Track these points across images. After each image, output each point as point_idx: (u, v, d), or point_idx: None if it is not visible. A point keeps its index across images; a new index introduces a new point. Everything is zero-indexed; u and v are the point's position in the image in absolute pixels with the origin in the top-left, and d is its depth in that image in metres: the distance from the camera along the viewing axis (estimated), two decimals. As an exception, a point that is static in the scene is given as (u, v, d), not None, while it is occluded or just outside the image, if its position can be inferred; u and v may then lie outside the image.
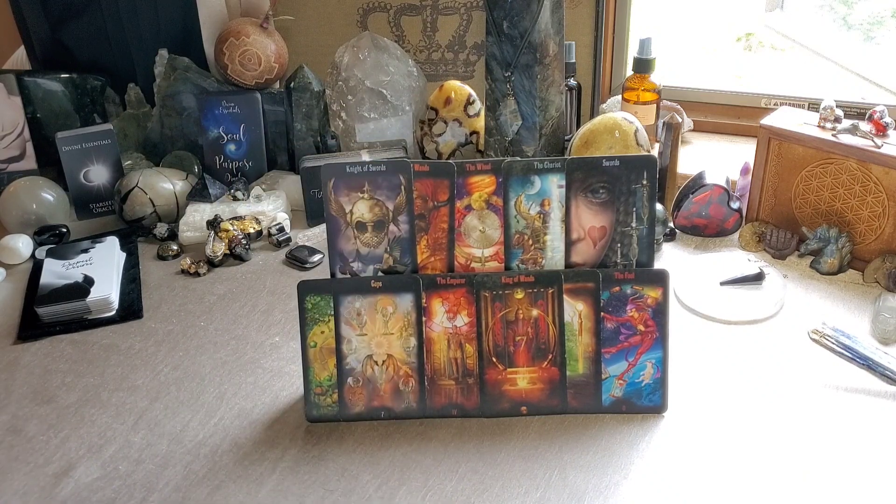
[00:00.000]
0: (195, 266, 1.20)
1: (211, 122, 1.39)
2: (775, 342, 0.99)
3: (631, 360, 0.86)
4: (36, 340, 1.06)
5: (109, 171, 1.37)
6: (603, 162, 0.84)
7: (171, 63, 1.43)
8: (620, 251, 0.86)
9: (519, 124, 1.17)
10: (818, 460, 0.81)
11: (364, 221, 0.87)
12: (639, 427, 0.86)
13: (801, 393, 0.90)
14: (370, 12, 1.52)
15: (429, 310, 0.86)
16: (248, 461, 0.84)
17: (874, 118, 1.08)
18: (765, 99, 1.46)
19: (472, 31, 1.49)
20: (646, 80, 1.22)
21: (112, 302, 1.10)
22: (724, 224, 1.21)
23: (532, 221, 0.86)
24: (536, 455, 0.83)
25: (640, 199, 0.85)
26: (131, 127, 1.48)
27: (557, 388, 0.87)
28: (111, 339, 1.06)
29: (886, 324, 0.98)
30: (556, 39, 1.17)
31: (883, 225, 1.09)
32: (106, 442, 0.88)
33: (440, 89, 1.36)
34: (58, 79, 1.43)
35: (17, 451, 0.87)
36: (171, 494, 0.80)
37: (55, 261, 1.18)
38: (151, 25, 1.47)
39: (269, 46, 1.38)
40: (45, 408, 0.94)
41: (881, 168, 1.06)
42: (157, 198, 1.29)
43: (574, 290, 0.85)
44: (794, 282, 1.11)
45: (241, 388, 0.95)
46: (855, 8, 2.08)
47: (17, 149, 1.42)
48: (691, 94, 1.51)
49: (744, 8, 2.48)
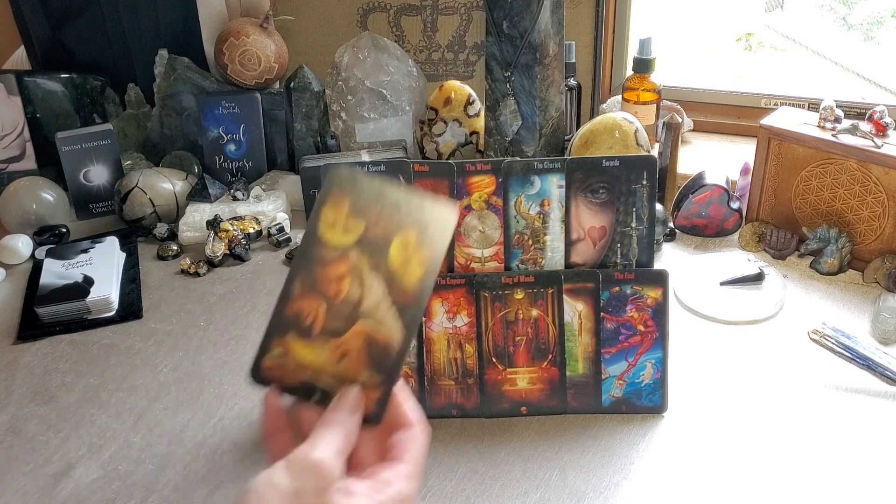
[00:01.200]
0: (195, 266, 1.20)
1: (211, 122, 1.39)
2: (775, 342, 0.99)
3: (631, 360, 0.86)
4: (36, 340, 1.06)
5: (109, 171, 1.37)
6: (603, 162, 0.84)
7: (171, 63, 1.43)
8: (620, 251, 0.86)
9: (519, 124, 1.17)
10: (818, 460, 0.81)
11: (364, 221, 0.87)
12: (639, 427, 0.86)
13: (801, 393, 0.90)
14: (370, 12, 1.52)
15: (428, 310, 0.86)
16: (248, 461, 0.84)
17: (874, 118, 1.08)
18: (765, 99, 1.46)
19: (472, 31, 1.49)
20: (646, 80, 1.22)
21: (112, 302, 1.10)
22: (724, 224, 1.21)
23: (532, 222, 0.86)
24: (536, 455, 0.83)
25: (640, 199, 0.85)
26: (131, 127, 1.48)
27: (557, 389, 0.87)
28: (111, 339, 1.06)
29: (886, 324, 0.98)
30: (556, 39, 1.17)
31: (883, 225, 1.09)
32: (106, 442, 0.88)
33: (440, 89, 1.36)
34: (58, 79, 1.43)
35: (16, 451, 0.87)
36: (171, 494, 0.80)
37: (55, 261, 1.18)
38: (151, 25, 1.47)
39: (269, 46, 1.38)
40: (45, 408, 0.94)
41: (881, 168, 1.06)
42: (157, 198, 1.29)
43: (574, 291, 0.85)
44: (794, 282, 1.11)
45: (241, 388, 0.95)
46: (855, 8, 2.08)
47: (17, 149, 1.42)
48: (691, 94, 1.51)
49: (744, 8, 2.49)
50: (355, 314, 0.46)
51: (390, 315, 0.46)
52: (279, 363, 0.47)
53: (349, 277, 0.46)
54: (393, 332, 0.46)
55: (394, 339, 0.46)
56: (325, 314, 0.46)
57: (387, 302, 0.46)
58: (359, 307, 0.46)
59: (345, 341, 0.46)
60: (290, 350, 0.46)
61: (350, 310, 0.46)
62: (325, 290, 0.46)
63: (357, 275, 0.46)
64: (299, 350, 0.46)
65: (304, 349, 0.46)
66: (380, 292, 0.46)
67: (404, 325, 0.46)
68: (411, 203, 0.47)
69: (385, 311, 0.46)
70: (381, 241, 0.46)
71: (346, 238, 0.47)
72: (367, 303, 0.46)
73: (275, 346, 0.47)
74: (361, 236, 0.46)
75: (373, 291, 0.46)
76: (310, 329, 0.46)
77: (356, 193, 0.47)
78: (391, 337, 0.46)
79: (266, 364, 0.47)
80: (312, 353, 0.46)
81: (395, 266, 0.46)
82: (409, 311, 0.46)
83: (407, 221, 0.46)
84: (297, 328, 0.46)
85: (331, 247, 0.46)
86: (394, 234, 0.46)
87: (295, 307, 0.46)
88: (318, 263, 0.46)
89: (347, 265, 0.46)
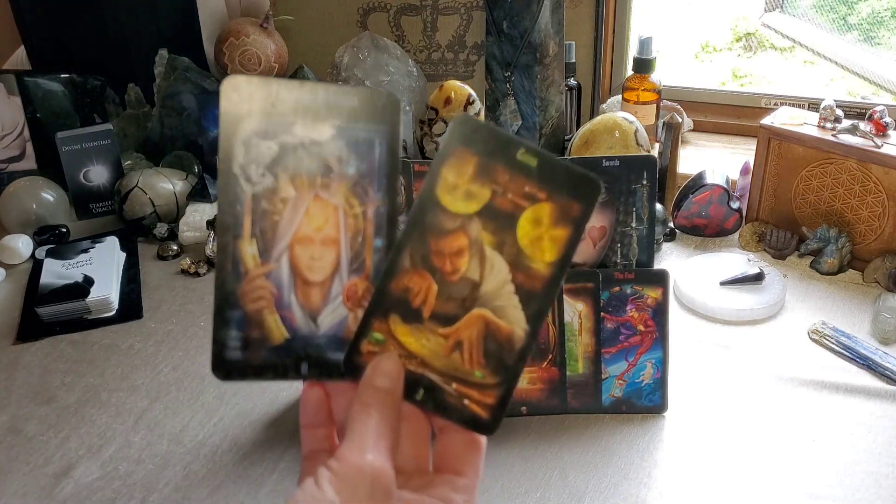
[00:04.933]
0: (195, 266, 1.20)
1: (211, 122, 1.39)
2: (775, 342, 0.99)
3: (631, 360, 0.86)
4: (36, 340, 1.06)
5: (109, 171, 1.37)
6: (603, 162, 0.84)
7: (171, 63, 1.42)
8: (620, 251, 0.86)
9: (519, 124, 1.17)
10: (818, 460, 0.81)
11: (364, 221, 0.87)
12: (639, 427, 0.86)
13: (801, 393, 0.90)
14: (370, 12, 1.52)
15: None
16: (248, 461, 0.84)
17: (874, 118, 1.08)
18: (765, 99, 1.46)
19: (472, 31, 1.49)
20: (646, 80, 1.22)
21: (112, 302, 1.10)
22: (724, 224, 1.21)
23: (532, 221, 0.86)
24: (536, 455, 0.83)
25: (640, 199, 0.85)
26: (131, 127, 1.48)
27: (557, 388, 0.87)
28: (111, 339, 1.06)
29: (886, 324, 0.98)
30: (556, 39, 1.17)
31: (883, 225, 1.09)
32: (106, 442, 0.88)
33: (440, 89, 1.36)
34: (58, 79, 1.43)
35: (16, 451, 0.87)
36: (171, 494, 0.80)
37: (55, 261, 1.18)
38: (151, 25, 1.47)
39: (269, 46, 1.38)
40: (45, 408, 0.94)
41: (881, 168, 1.06)
42: (157, 198, 1.29)
43: (574, 291, 0.85)
44: (794, 282, 1.11)
45: (241, 388, 0.95)
46: (855, 8, 2.08)
47: (17, 149, 1.42)
48: (691, 94, 1.51)
49: (744, 8, 2.49)
50: (473, 298, 0.39)
51: (514, 303, 0.39)
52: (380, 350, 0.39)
53: (468, 253, 0.39)
54: (516, 324, 0.39)
55: (516, 332, 0.39)
56: (438, 295, 0.39)
57: (511, 287, 0.39)
58: (477, 290, 0.39)
59: (458, 330, 0.39)
60: (393, 335, 0.39)
61: (467, 292, 0.39)
62: (439, 266, 0.39)
63: (478, 251, 0.39)
64: (404, 336, 0.39)
65: (410, 336, 0.39)
66: (503, 274, 0.39)
67: (528, 318, 0.39)
68: (549, 169, 0.38)
69: (508, 298, 0.39)
70: (509, 212, 0.39)
71: (468, 206, 0.39)
72: (487, 286, 0.39)
73: (375, 329, 0.39)
74: (486, 205, 0.39)
75: (495, 272, 0.39)
76: (419, 312, 0.39)
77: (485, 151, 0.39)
78: (513, 330, 0.39)
79: (364, 349, 0.39)
80: (419, 342, 0.39)
81: (523, 244, 0.39)
82: (536, 300, 0.38)
83: (542, 192, 0.38)
84: (403, 310, 0.39)
85: (450, 213, 0.39)
86: (525, 205, 0.39)
87: (402, 284, 0.39)
88: (434, 233, 0.39)
89: (467, 238, 0.39)
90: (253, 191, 0.39)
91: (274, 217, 0.39)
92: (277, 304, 0.40)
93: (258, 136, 0.39)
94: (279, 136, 0.39)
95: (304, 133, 0.39)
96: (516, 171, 0.39)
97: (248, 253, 0.40)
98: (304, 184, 0.39)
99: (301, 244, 0.40)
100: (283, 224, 0.39)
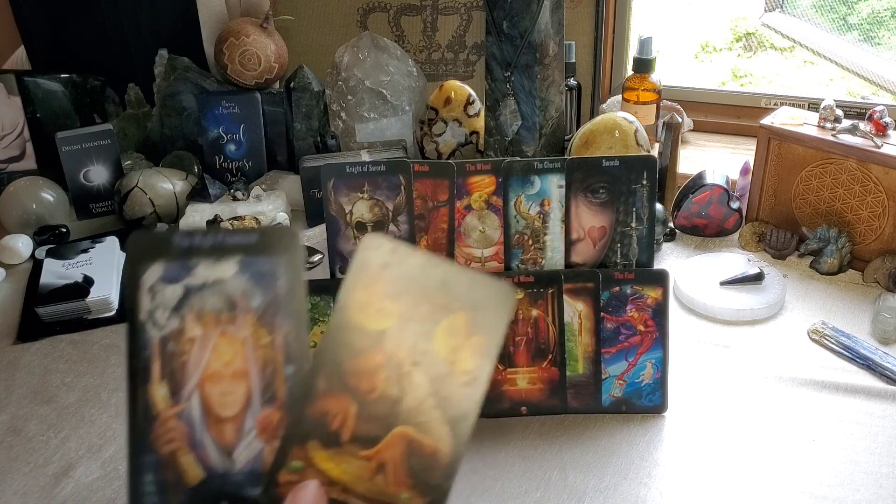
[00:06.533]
0: (195, 266, 1.20)
1: (211, 122, 1.39)
2: (775, 342, 0.99)
3: (631, 360, 0.86)
4: (36, 340, 1.06)
5: (109, 171, 1.37)
6: (603, 162, 0.84)
7: (171, 63, 1.43)
8: (620, 251, 0.86)
9: (519, 124, 1.17)
10: (818, 460, 0.81)
11: (364, 221, 0.87)
12: (639, 427, 0.86)
13: (800, 393, 0.90)
14: (370, 12, 1.52)
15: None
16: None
17: (874, 118, 1.08)
18: (765, 99, 1.46)
19: (472, 31, 1.49)
20: (646, 80, 1.22)
21: (112, 302, 1.10)
22: (724, 224, 1.21)
23: (532, 221, 0.86)
24: (536, 455, 0.83)
25: (640, 199, 0.85)
26: (131, 127, 1.48)
27: (557, 389, 0.87)
28: (111, 339, 1.06)
29: (886, 324, 0.98)
30: (556, 39, 1.17)
31: (883, 225, 1.09)
32: (106, 442, 0.88)
33: (440, 89, 1.36)
34: (58, 79, 1.43)
35: (17, 451, 0.87)
36: (170, 494, 0.80)
37: (55, 261, 1.18)
38: (151, 25, 1.47)
39: (269, 46, 1.38)
40: (45, 408, 0.94)
41: (881, 168, 1.06)
42: (157, 198, 1.29)
43: (574, 291, 0.85)
44: (794, 282, 1.11)
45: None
46: (855, 8, 2.08)
47: (17, 149, 1.42)
48: (691, 94, 1.51)
49: (744, 8, 2.49)
50: (394, 416, 0.37)
51: (436, 417, 0.37)
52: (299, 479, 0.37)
53: (386, 370, 0.38)
54: (440, 439, 0.37)
55: (441, 448, 0.37)
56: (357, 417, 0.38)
57: (432, 401, 0.37)
58: (398, 407, 0.37)
59: (380, 451, 0.37)
60: (312, 462, 0.37)
61: (388, 410, 0.37)
62: (356, 387, 0.38)
63: (395, 367, 0.37)
64: (324, 462, 0.37)
65: (330, 461, 0.37)
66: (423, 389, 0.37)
67: (453, 431, 0.37)
68: (460, 281, 0.38)
69: (430, 413, 0.37)
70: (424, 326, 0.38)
71: (381, 322, 0.38)
72: (407, 402, 0.37)
73: (293, 457, 0.37)
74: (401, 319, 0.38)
75: (414, 388, 0.37)
76: (337, 435, 0.37)
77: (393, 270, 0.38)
78: (437, 446, 0.37)
79: (282, 480, 0.37)
80: (340, 467, 0.37)
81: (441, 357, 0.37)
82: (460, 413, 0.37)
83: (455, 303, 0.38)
84: (322, 434, 0.37)
85: (364, 331, 0.38)
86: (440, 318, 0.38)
87: (318, 408, 0.37)
88: (348, 352, 0.38)
89: (383, 355, 0.38)
90: (160, 334, 0.39)
91: (182, 357, 0.40)
92: (191, 444, 0.39)
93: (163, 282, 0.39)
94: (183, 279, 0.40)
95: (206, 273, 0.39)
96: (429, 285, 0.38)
97: (158, 395, 0.39)
98: (210, 321, 0.40)
99: (211, 381, 0.40)
100: (191, 363, 0.40)
